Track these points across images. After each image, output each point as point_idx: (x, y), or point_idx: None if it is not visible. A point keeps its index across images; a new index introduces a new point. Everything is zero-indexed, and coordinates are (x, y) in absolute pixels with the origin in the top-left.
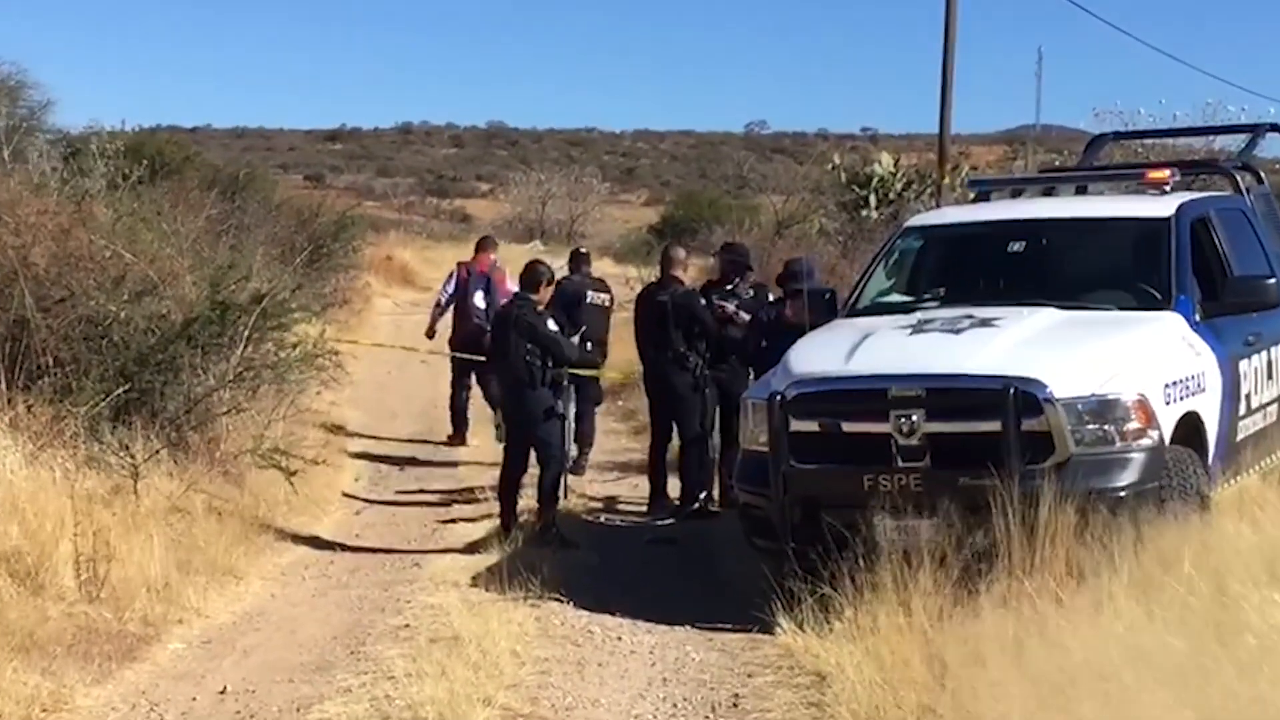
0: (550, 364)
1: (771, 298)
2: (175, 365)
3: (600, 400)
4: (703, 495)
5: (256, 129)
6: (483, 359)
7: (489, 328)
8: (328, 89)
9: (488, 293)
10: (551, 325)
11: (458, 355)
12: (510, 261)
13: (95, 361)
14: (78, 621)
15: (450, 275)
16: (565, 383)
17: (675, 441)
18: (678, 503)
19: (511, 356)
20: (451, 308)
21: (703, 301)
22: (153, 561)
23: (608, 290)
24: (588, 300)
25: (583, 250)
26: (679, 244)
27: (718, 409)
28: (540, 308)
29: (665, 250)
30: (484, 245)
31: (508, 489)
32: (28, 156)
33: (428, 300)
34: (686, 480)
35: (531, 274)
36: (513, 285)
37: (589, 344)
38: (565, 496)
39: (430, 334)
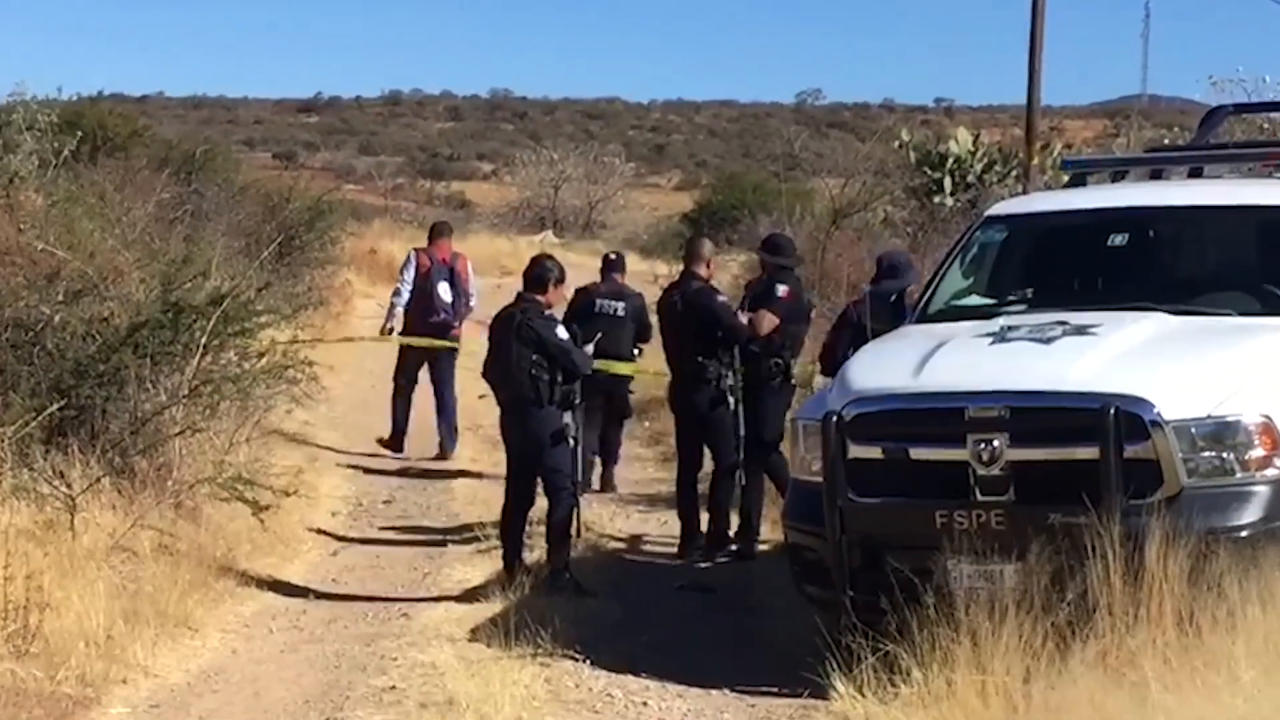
0: (561, 379)
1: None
2: (119, 378)
3: (629, 414)
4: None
5: (216, 98)
6: (445, 346)
7: (455, 323)
8: (301, 52)
9: (453, 284)
10: (562, 333)
11: (409, 346)
12: (515, 256)
13: (25, 373)
14: (3, 681)
15: (407, 262)
16: (577, 400)
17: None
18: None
19: (514, 369)
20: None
21: (722, 298)
22: (93, 610)
23: (622, 298)
24: (595, 309)
25: (614, 256)
26: (704, 236)
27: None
28: (547, 311)
29: (688, 242)
30: (441, 232)
31: (511, 526)
32: None
33: None
34: (715, 515)
35: (535, 271)
36: (475, 277)
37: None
38: (580, 534)
39: (388, 330)
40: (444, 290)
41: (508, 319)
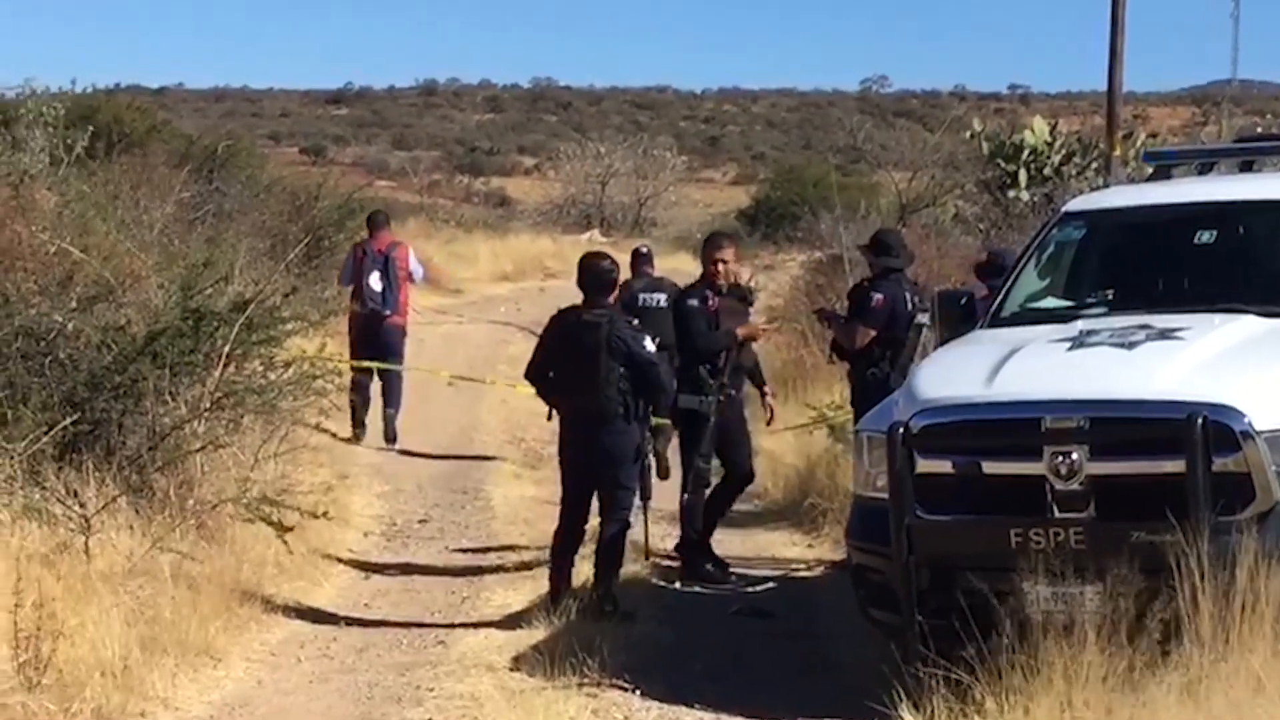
0: (643, 395)
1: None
2: (137, 390)
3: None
4: None
5: (240, 89)
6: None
7: (386, 312)
8: (330, 40)
9: (385, 274)
10: (650, 345)
11: (355, 344)
12: (559, 257)
13: (36, 385)
14: (13, 714)
15: (347, 258)
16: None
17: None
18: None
19: (601, 382)
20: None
21: (694, 302)
22: (109, 638)
23: (661, 289)
24: (639, 304)
25: (644, 250)
26: (722, 232)
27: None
28: (635, 321)
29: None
30: (378, 223)
31: (564, 547)
32: None
33: (456, 307)
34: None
35: (599, 275)
36: (416, 266)
37: None
38: (648, 557)
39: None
40: (375, 280)
41: (591, 326)
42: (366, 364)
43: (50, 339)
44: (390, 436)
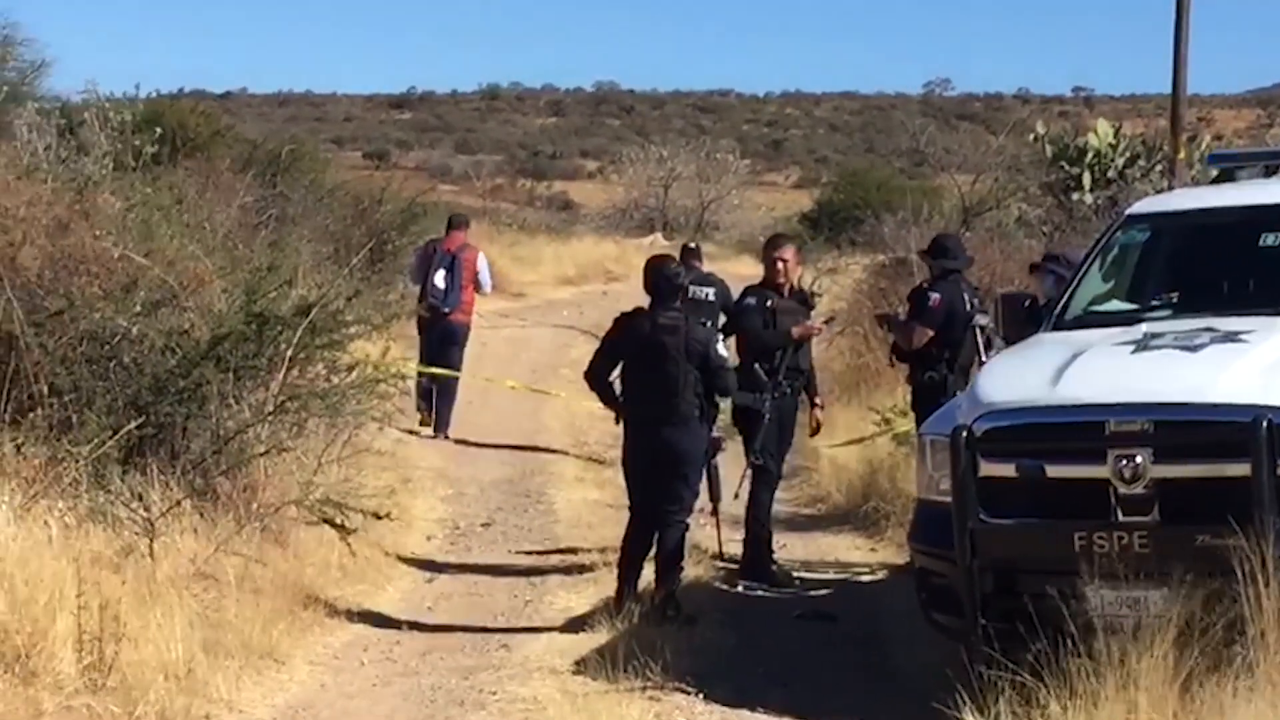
0: (713, 396)
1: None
2: (201, 394)
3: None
4: None
5: (303, 94)
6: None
7: (446, 309)
8: (393, 44)
9: (450, 272)
10: (723, 349)
11: (423, 339)
12: (622, 261)
13: (101, 389)
14: (78, 716)
15: (418, 255)
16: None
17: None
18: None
19: (680, 384)
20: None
21: (751, 300)
22: (173, 641)
23: (710, 283)
24: (689, 295)
25: (693, 245)
26: (783, 234)
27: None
28: (708, 323)
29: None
30: (456, 224)
31: (633, 551)
32: (15, 131)
33: (519, 310)
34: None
35: (668, 278)
36: (485, 275)
37: None
38: (724, 558)
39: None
40: (439, 278)
41: (668, 330)
42: (433, 370)
43: (115, 343)
44: (441, 427)
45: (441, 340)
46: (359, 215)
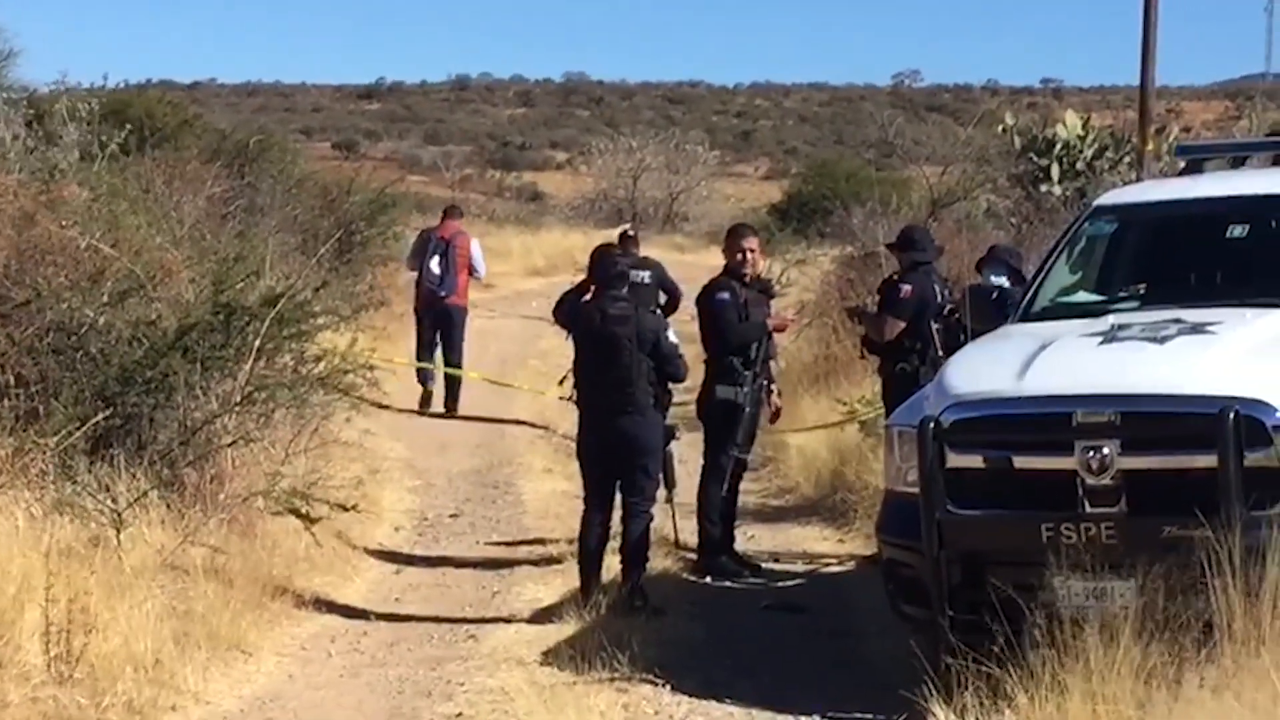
0: (667, 385)
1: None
2: (168, 384)
3: None
4: None
5: (272, 85)
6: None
7: (442, 293)
8: (362, 35)
9: (445, 258)
10: (674, 336)
11: (421, 322)
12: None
13: (68, 380)
14: (45, 708)
15: (415, 242)
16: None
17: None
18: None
19: (633, 372)
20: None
21: (724, 296)
22: (140, 632)
23: (646, 267)
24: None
25: (630, 231)
26: (745, 224)
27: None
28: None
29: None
30: (449, 213)
31: (591, 541)
32: None
33: (488, 301)
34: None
35: (615, 266)
36: (479, 260)
37: None
38: (679, 546)
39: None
40: (435, 264)
41: (620, 320)
42: (426, 365)
43: (81, 334)
44: (451, 407)
45: (438, 323)
46: (327, 206)
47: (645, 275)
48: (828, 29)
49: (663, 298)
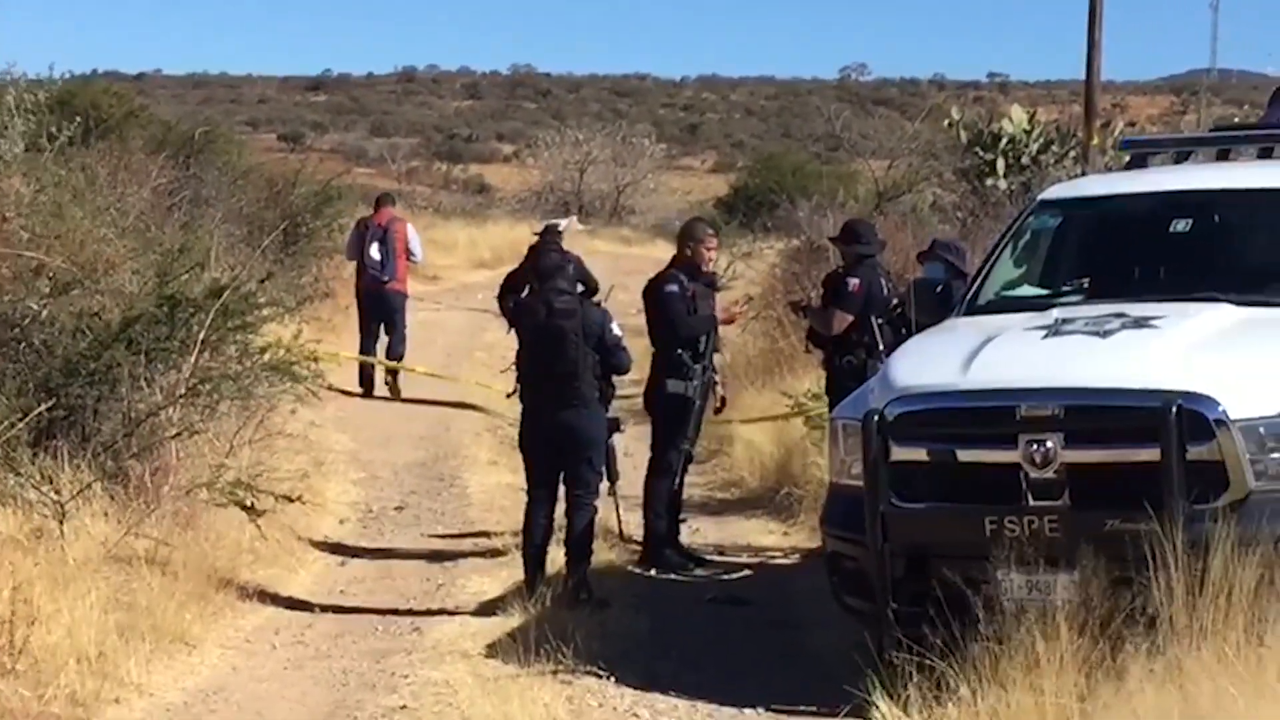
0: (611, 378)
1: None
2: (112, 376)
3: None
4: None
5: (218, 76)
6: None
7: (384, 278)
8: (309, 26)
9: (383, 244)
10: (617, 328)
11: (364, 307)
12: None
13: (10, 372)
14: None
15: (352, 233)
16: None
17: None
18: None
19: (579, 365)
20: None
21: (673, 288)
22: (84, 624)
23: (568, 260)
24: None
25: (553, 224)
26: (700, 219)
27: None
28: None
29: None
30: (383, 201)
31: (534, 534)
32: None
33: (434, 294)
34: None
35: (555, 260)
36: (416, 246)
37: None
38: (624, 539)
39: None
40: (374, 250)
41: (565, 314)
42: (367, 359)
43: (25, 325)
44: (395, 389)
45: (381, 309)
46: (273, 198)
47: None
48: (775, 22)
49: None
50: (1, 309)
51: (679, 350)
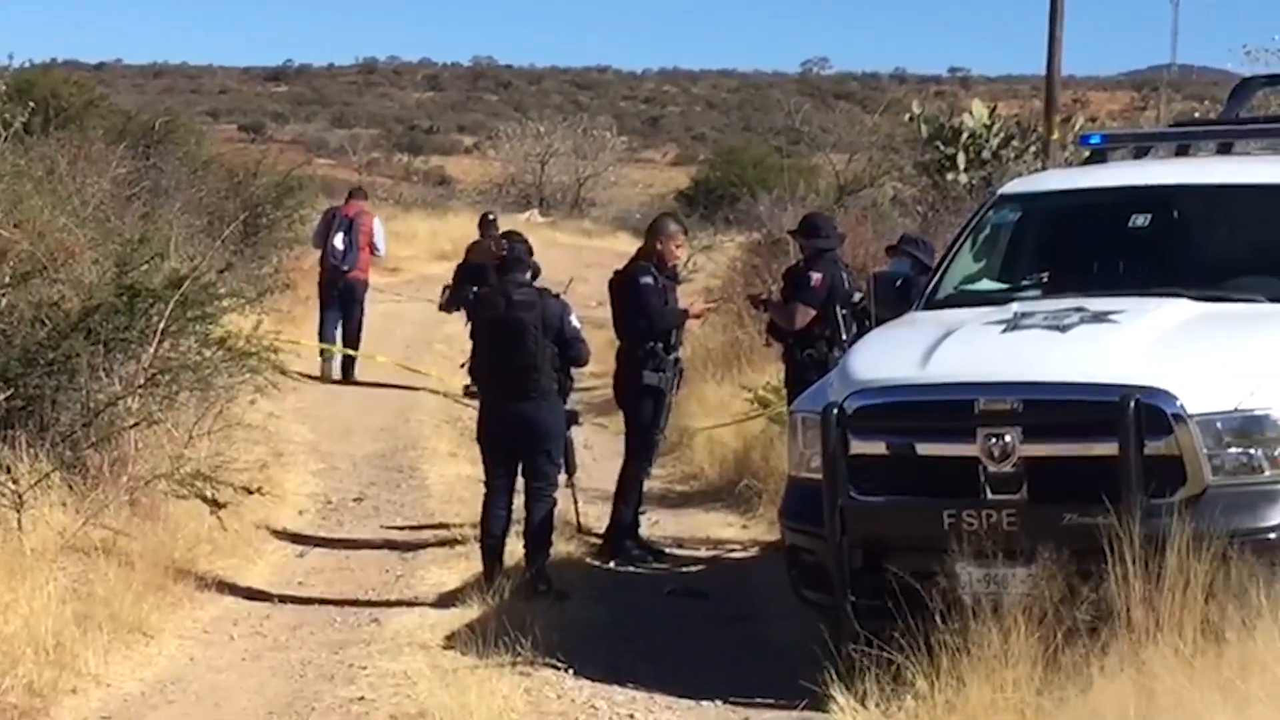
0: (568, 369)
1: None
2: (70, 366)
3: None
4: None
5: (179, 66)
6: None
7: (345, 267)
8: (269, 16)
9: (348, 234)
10: (576, 321)
11: (325, 290)
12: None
13: None
14: None
15: (319, 221)
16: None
17: None
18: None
19: (538, 357)
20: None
21: (648, 280)
22: (41, 615)
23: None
24: (482, 264)
25: (491, 216)
26: (670, 215)
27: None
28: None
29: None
30: (354, 195)
31: (491, 526)
32: None
33: (394, 285)
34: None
35: (517, 253)
36: (380, 240)
37: None
38: (581, 531)
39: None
40: (339, 240)
41: (525, 306)
42: (330, 348)
43: None
44: (347, 374)
45: (342, 296)
46: (233, 188)
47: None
48: (736, 15)
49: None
50: None
51: (653, 342)
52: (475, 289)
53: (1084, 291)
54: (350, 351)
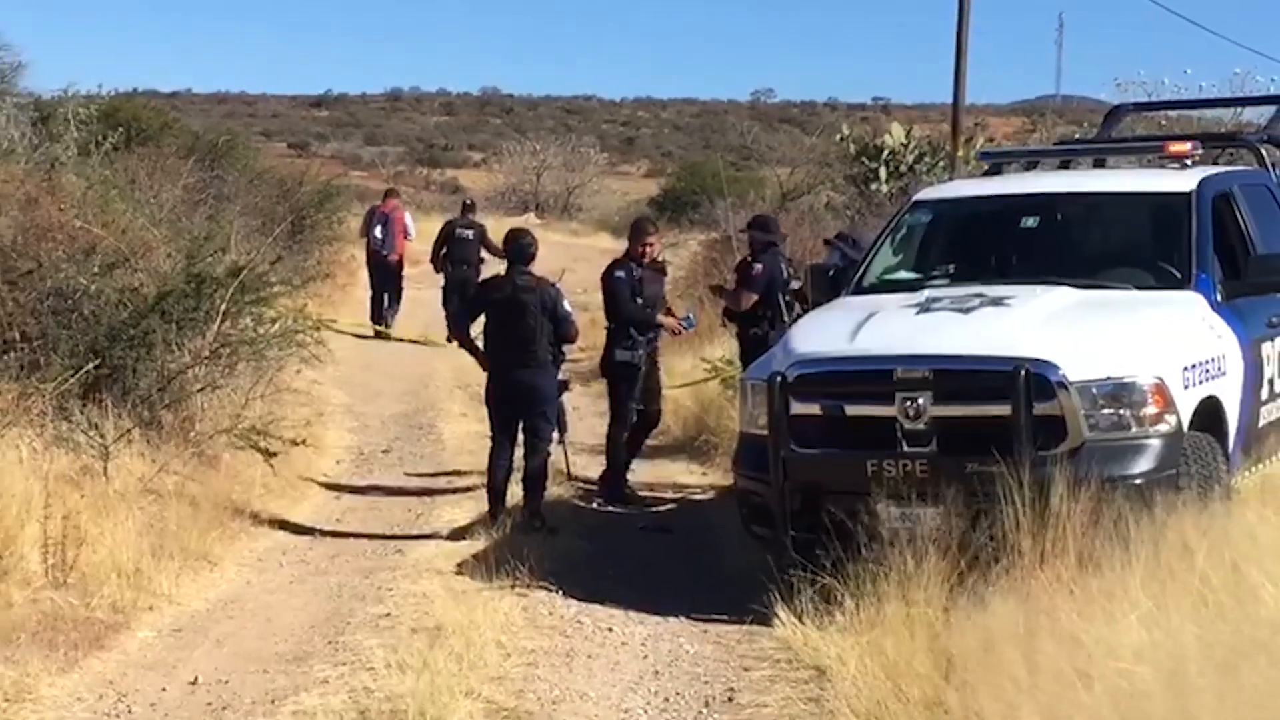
0: (561, 344)
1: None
2: (148, 341)
3: None
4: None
5: (238, 94)
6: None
7: (384, 252)
8: (313, 53)
9: (385, 226)
10: (568, 305)
11: (373, 274)
12: (500, 235)
13: (64, 336)
14: (43, 608)
15: (366, 216)
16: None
17: None
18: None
19: (537, 334)
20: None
21: (620, 274)
22: (123, 546)
23: (472, 226)
24: (455, 235)
25: (469, 201)
26: (646, 217)
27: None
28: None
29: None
30: (389, 194)
31: (497, 473)
32: None
33: (414, 276)
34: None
35: (524, 247)
36: (410, 226)
37: None
38: (570, 478)
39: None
40: (379, 231)
41: (528, 291)
42: (375, 327)
43: (76, 298)
44: (389, 325)
45: (384, 274)
46: (283, 195)
47: (470, 233)
48: (698, 52)
49: (484, 253)
50: (57, 284)
51: (627, 326)
52: (447, 252)
53: (983, 280)
54: (385, 330)
